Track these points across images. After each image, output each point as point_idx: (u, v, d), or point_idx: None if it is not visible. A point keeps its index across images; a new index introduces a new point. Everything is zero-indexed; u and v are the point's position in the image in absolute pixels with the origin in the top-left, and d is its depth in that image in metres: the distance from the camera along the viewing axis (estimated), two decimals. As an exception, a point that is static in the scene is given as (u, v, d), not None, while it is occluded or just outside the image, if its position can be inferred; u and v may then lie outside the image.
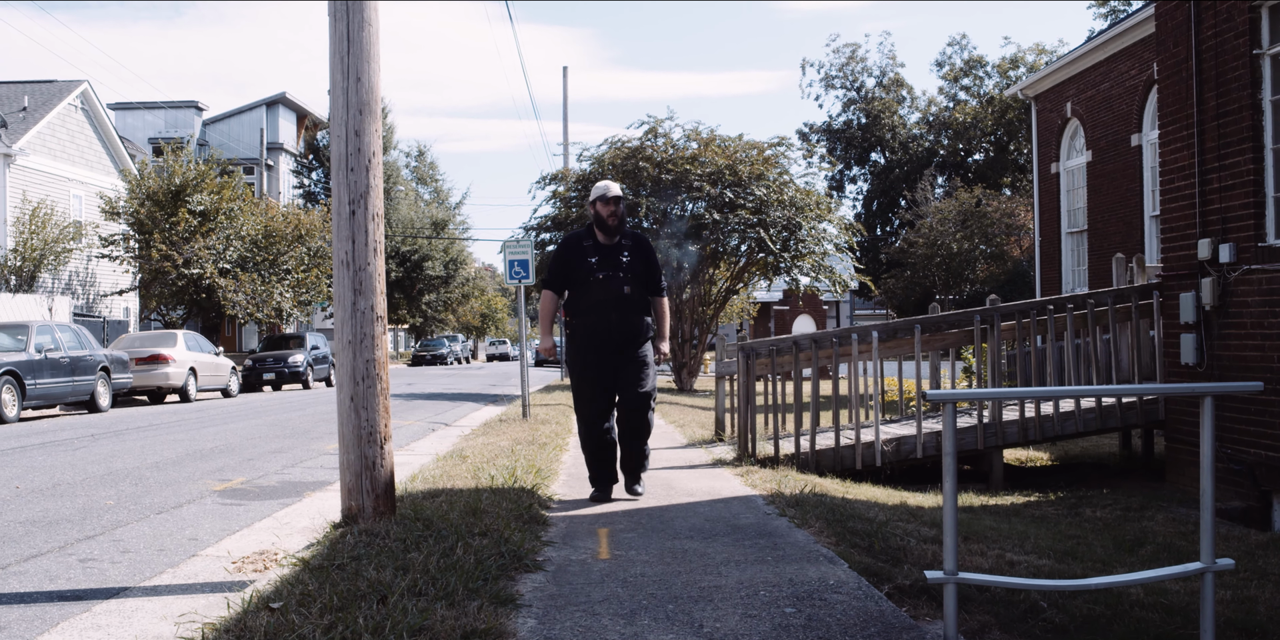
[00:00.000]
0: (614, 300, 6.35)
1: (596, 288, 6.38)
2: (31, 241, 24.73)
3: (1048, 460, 10.88)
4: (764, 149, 20.72)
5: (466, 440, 10.49)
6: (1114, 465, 10.02)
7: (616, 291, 6.36)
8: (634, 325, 6.41)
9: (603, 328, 6.37)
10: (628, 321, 6.39)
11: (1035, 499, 8.10)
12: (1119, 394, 8.70)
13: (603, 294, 6.36)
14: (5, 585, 4.64)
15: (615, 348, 6.39)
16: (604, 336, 6.38)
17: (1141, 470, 9.56)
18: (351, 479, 5.20)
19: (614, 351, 6.38)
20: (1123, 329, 9.44)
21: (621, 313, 6.36)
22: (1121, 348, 9.47)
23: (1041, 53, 48.89)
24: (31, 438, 11.87)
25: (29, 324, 16.23)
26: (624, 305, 6.37)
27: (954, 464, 3.28)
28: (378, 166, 5.32)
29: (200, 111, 42.60)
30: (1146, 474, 9.32)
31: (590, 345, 6.43)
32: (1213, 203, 7.74)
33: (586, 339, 6.45)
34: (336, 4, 5.26)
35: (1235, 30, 7.42)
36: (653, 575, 4.36)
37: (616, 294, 6.35)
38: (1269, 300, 7.07)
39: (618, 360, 6.41)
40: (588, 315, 6.41)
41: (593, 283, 6.39)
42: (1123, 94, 14.95)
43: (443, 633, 3.35)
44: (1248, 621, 4.23)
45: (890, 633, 3.49)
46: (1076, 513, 7.28)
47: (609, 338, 6.38)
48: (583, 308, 6.45)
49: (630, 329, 6.40)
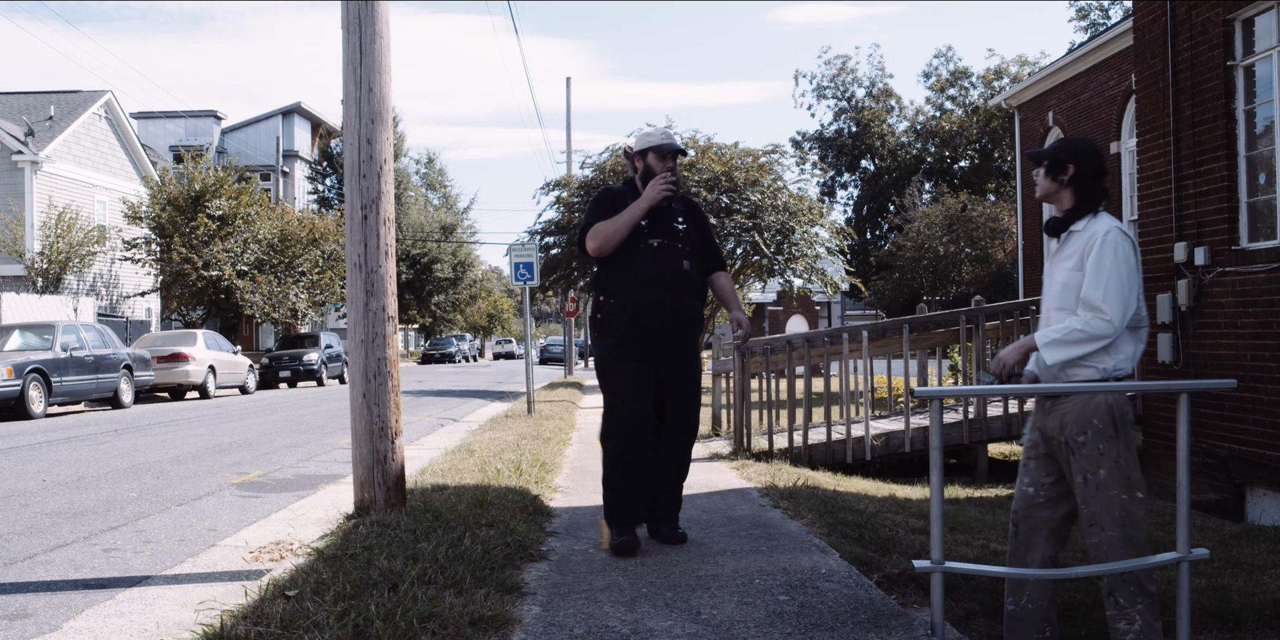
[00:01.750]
0: (670, 277, 4.67)
1: (648, 258, 4.68)
2: (57, 245, 24.73)
3: (1030, 454, 10.86)
4: (759, 156, 20.72)
5: (474, 435, 10.49)
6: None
7: (675, 266, 4.70)
8: (693, 312, 4.79)
9: (654, 312, 4.66)
10: (685, 307, 4.73)
11: (1018, 491, 8.09)
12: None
13: (656, 267, 4.66)
14: (33, 574, 4.64)
15: (666, 341, 4.72)
16: (654, 324, 4.67)
17: (1120, 464, 9.55)
18: (364, 472, 5.20)
19: (664, 346, 4.71)
20: (1102, 329, 9.43)
21: (677, 294, 4.68)
22: (1101, 347, 9.47)
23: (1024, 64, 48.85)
24: (57, 433, 11.87)
25: (55, 324, 16.23)
26: (681, 285, 4.70)
27: (940, 458, 3.27)
28: (389, 173, 5.32)
29: (219, 120, 42.60)
30: (1125, 467, 9.31)
31: (633, 334, 4.66)
32: (1188, 208, 7.74)
33: (630, 325, 4.67)
34: (350, 17, 5.26)
35: (1210, 43, 7.42)
36: (652, 564, 4.35)
37: (675, 269, 4.69)
38: (1242, 301, 7.07)
39: (666, 359, 4.74)
40: (632, 293, 4.66)
41: (644, 250, 4.68)
42: (1102, 104, 14.95)
43: (451, 619, 3.34)
44: (1222, 608, 4.23)
45: (880, 619, 3.49)
46: (1058, 504, 7.28)
47: (661, 326, 4.68)
48: (625, 283, 4.69)
49: (687, 317, 4.76)
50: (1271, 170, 7.00)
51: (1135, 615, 3.40)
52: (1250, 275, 6.97)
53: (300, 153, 45.67)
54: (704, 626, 3.42)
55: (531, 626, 3.42)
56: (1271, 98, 6.99)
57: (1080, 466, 3.48)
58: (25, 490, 7.07)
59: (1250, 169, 7.19)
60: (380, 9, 5.29)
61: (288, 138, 44.89)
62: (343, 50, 5.28)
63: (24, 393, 14.24)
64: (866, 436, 8.69)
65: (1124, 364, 3.51)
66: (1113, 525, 3.44)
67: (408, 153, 53.23)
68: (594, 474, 7.24)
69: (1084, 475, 3.47)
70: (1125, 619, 3.41)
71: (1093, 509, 3.47)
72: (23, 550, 5.13)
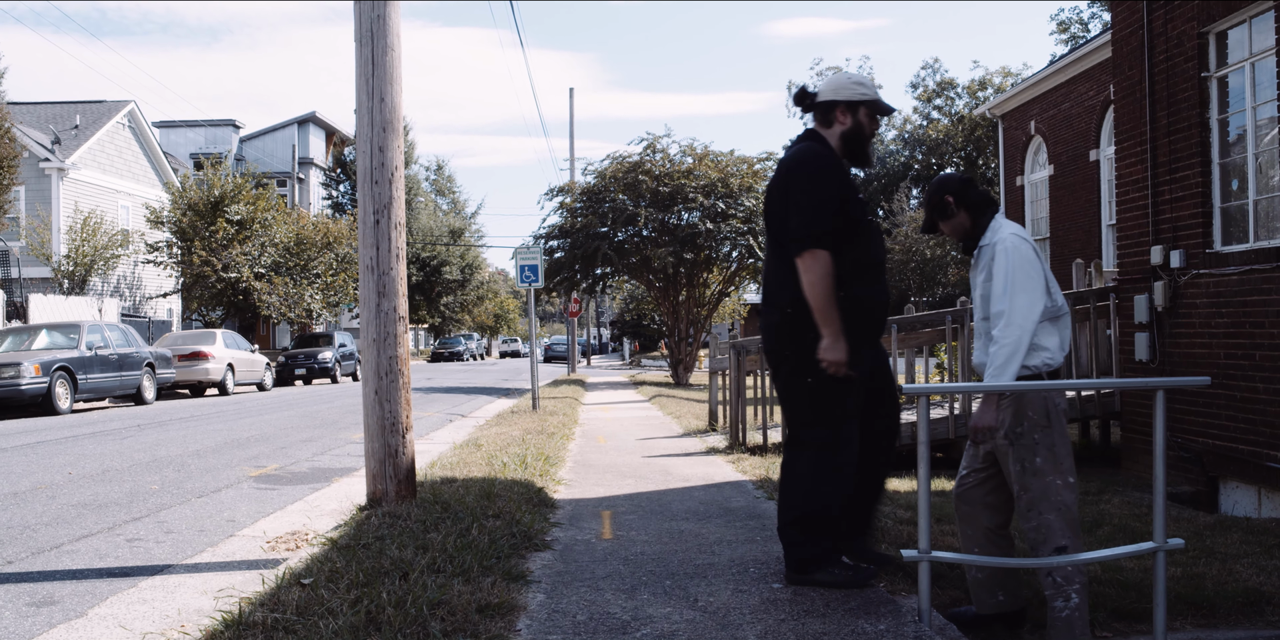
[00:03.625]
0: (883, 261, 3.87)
1: (874, 239, 3.80)
2: (83, 248, 24.73)
3: (1013, 448, 10.86)
4: (753, 163, 20.73)
5: (481, 430, 10.48)
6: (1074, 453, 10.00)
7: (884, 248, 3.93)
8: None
9: (883, 303, 3.83)
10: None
11: (1002, 484, 8.09)
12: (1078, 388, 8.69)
13: (880, 249, 3.84)
14: (60, 562, 4.64)
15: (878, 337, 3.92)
16: (881, 318, 3.86)
17: (1099, 458, 9.55)
18: (376, 465, 5.20)
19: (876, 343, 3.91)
20: (1082, 328, 9.44)
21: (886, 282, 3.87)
22: (1081, 346, 9.47)
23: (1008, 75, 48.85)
24: (83, 428, 11.87)
25: (80, 324, 16.23)
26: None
27: (928, 452, 3.28)
28: (400, 179, 5.32)
29: (237, 129, 42.59)
30: (1104, 461, 9.32)
31: (865, 332, 3.74)
32: (1164, 213, 7.74)
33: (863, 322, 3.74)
34: (363, 31, 5.26)
35: (1185, 55, 7.42)
36: (652, 554, 4.35)
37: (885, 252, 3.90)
38: (1215, 302, 7.07)
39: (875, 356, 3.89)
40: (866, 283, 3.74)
41: (871, 229, 3.79)
42: (1082, 113, 14.95)
43: (460, 606, 3.35)
44: (1196, 596, 4.23)
45: (869, 606, 3.49)
46: (1040, 496, 7.27)
47: (882, 320, 3.88)
48: (858, 271, 3.72)
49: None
50: (1244, 177, 7.00)
51: (1071, 594, 3.51)
52: (1223, 277, 6.98)
53: (315, 160, 45.66)
54: (701, 613, 3.42)
55: (536, 613, 3.42)
56: (1244, 107, 6.99)
57: (1018, 455, 3.61)
58: (52, 483, 7.07)
59: (1224, 175, 7.19)
60: (392, 23, 5.29)
61: (303, 146, 44.88)
62: (356, 62, 5.28)
63: (51, 389, 14.24)
64: (856, 431, 8.69)
65: (1051, 358, 3.66)
66: (1050, 509, 3.57)
67: (418, 160, 53.23)
68: (596, 467, 7.24)
69: (1021, 463, 3.60)
70: (1062, 597, 3.52)
71: (1032, 495, 3.59)
72: (50, 540, 5.13)
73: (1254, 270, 6.63)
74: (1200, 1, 7.20)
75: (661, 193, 19.80)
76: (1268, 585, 4.36)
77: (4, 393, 13.74)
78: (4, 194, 19.18)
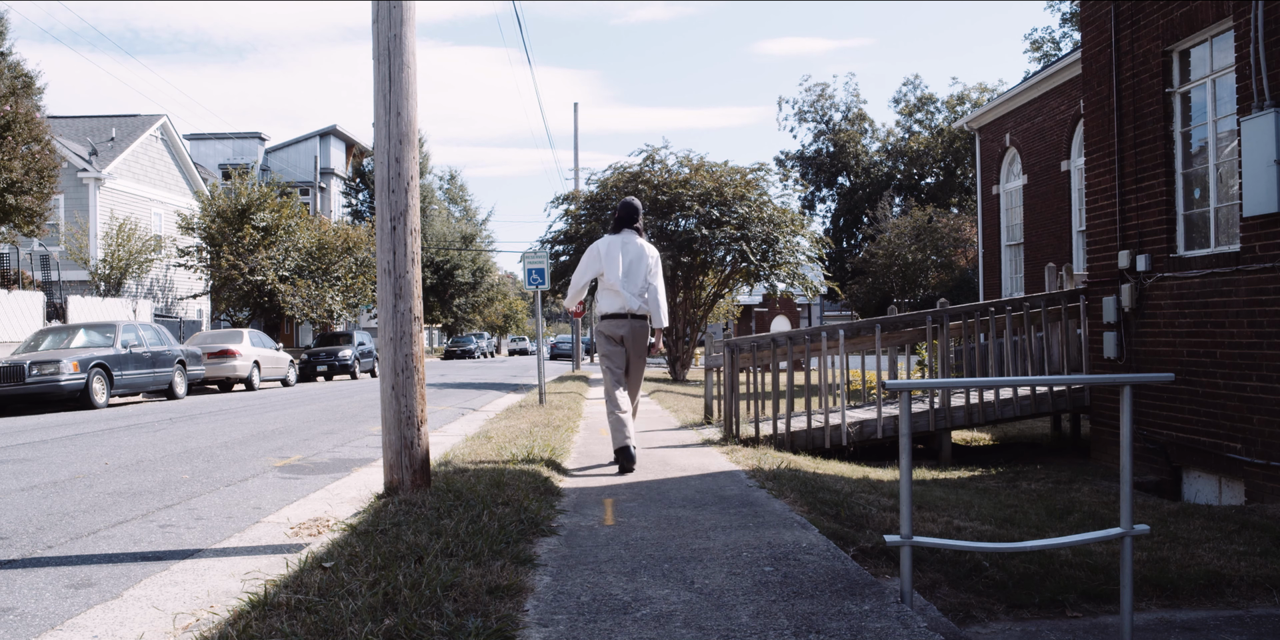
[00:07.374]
0: None
1: None
2: (118, 253, 24.74)
3: (990, 440, 10.88)
4: (746, 173, 20.71)
5: (491, 423, 10.48)
6: (1046, 445, 10.01)
7: None
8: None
9: None
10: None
11: (979, 473, 8.09)
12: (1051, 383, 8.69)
13: None
14: (96, 547, 4.64)
15: None
16: None
17: (1070, 449, 9.56)
18: (393, 456, 5.20)
19: None
20: (1054, 328, 9.44)
21: None
22: (1053, 344, 9.47)
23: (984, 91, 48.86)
24: (118, 421, 11.86)
25: (116, 323, 16.23)
26: None
27: (909, 443, 3.28)
28: (415, 188, 5.31)
29: (263, 141, 42.58)
30: (1074, 452, 9.32)
31: None
32: (1131, 219, 7.74)
33: None
34: (380, 49, 5.26)
35: (1150, 72, 7.42)
36: (651, 539, 4.35)
37: None
38: (1179, 303, 7.07)
39: None
40: None
41: None
42: (1054, 126, 14.94)
43: (471, 588, 3.34)
44: (1160, 578, 4.23)
45: (854, 588, 3.49)
46: (1014, 485, 7.28)
47: None
48: None
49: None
50: (1205, 186, 7.00)
51: None
52: (1186, 280, 6.97)
53: (336, 170, 45.65)
54: (697, 594, 3.41)
55: (543, 594, 3.42)
56: (1205, 121, 6.99)
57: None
58: (89, 472, 7.07)
59: (1186, 185, 7.19)
60: (408, 42, 5.28)
61: (324, 157, 44.87)
62: (374, 79, 5.28)
63: (88, 385, 14.24)
64: (843, 424, 8.69)
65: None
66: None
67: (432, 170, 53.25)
68: (599, 457, 7.23)
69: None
70: None
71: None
72: (87, 526, 5.13)
73: (1215, 273, 6.62)
74: (1165, 22, 7.20)
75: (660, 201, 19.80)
76: (1228, 568, 4.36)
77: (44, 388, 13.75)
78: (45, 202, 19.18)
